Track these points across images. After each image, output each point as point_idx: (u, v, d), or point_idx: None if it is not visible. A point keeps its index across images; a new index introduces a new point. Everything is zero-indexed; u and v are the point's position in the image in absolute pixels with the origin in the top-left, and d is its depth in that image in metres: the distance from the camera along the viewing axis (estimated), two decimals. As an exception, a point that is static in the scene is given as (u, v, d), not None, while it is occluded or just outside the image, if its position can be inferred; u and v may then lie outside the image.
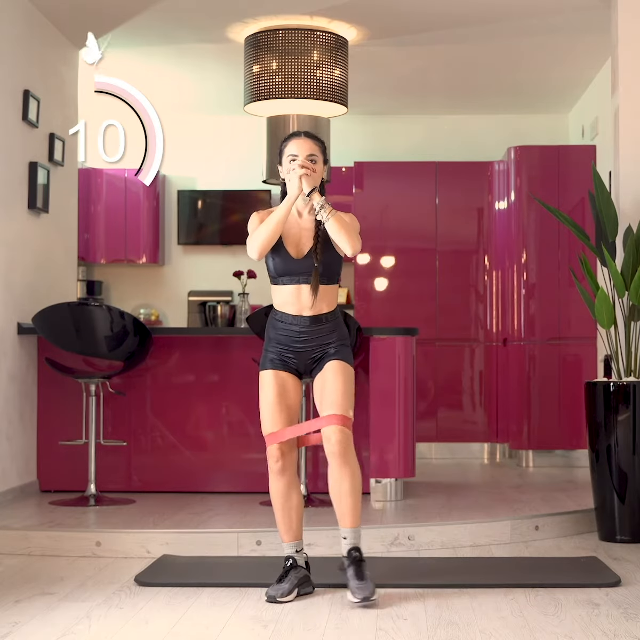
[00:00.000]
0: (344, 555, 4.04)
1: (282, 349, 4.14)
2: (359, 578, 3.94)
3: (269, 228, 4.06)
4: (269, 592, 3.99)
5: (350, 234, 4.03)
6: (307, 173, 4.06)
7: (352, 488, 4.00)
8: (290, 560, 4.07)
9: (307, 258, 4.10)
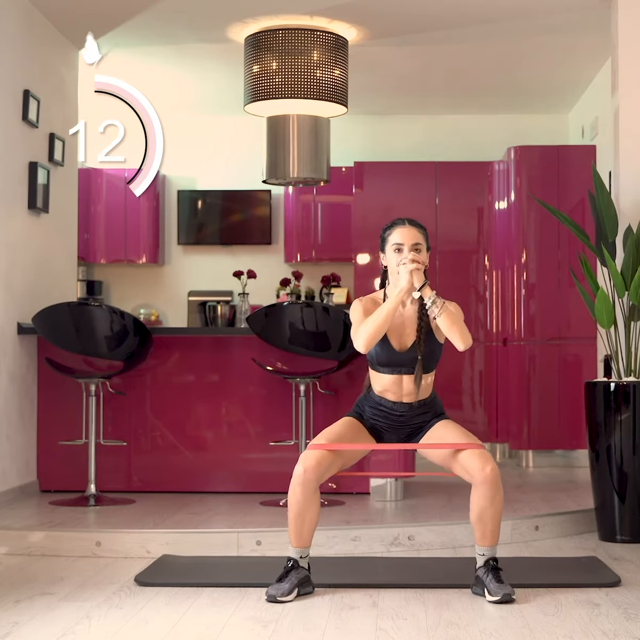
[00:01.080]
0: (480, 566, 4.05)
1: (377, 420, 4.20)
2: (498, 581, 3.97)
3: (378, 322, 4.05)
4: (269, 591, 3.99)
5: (462, 330, 4.07)
6: (418, 267, 4.08)
7: (499, 514, 4.05)
8: (291, 561, 4.06)
9: (410, 350, 4.13)
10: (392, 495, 5.82)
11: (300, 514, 4.01)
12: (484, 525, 4.04)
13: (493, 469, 3.98)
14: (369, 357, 4.18)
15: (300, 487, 3.98)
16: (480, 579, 4.03)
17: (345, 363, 5.80)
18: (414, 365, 4.12)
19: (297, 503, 4.00)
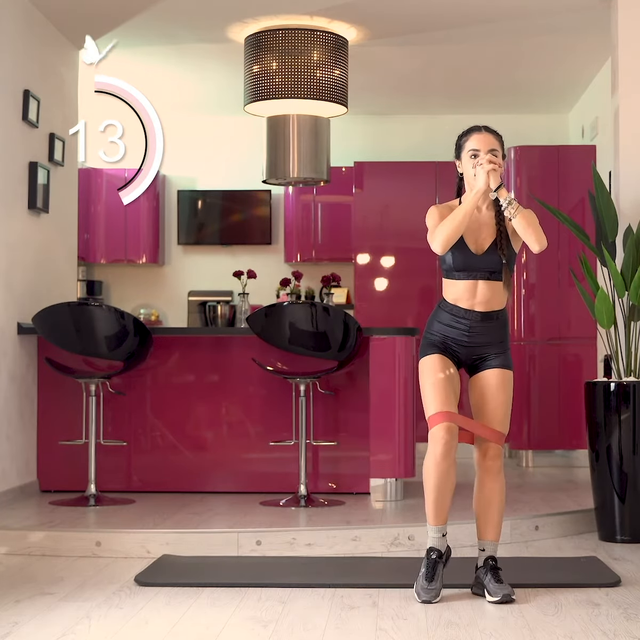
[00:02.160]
0: (480, 566, 4.06)
1: (449, 339, 4.15)
2: (498, 582, 3.98)
3: (455, 222, 4.04)
4: (421, 595, 3.97)
5: (537, 231, 4.09)
6: (495, 168, 4.05)
7: (501, 504, 4.09)
8: (434, 552, 4.05)
9: (487, 254, 4.10)
10: (392, 495, 5.82)
11: (443, 486, 4.06)
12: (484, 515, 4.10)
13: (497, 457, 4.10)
14: (445, 264, 4.14)
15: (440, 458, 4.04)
16: (480, 579, 4.03)
17: (345, 363, 5.80)
18: (490, 269, 4.08)
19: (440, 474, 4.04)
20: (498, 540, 4.13)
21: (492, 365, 4.15)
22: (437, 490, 4.06)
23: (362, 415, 5.97)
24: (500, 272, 4.10)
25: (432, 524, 4.09)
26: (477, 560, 4.10)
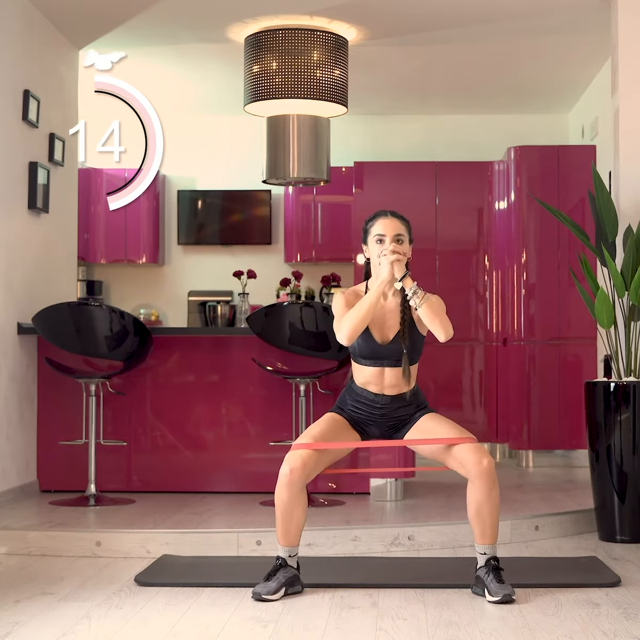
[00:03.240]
0: (481, 566, 4.06)
1: (359, 413, 4.20)
2: (499, 582, 3.98)
3: (360, 314, 4.06)
4: (255, 589, 4.01)
5: (443, 321, 4.06)
6: (399, 258, 4.07)
7: (497, 509, 4.08)
8: (280, 560, 4.08)
9: (393, 343, 4.13)
10: (392, 495, 5.82)
11: (287, 514, 4.02)
12: (482, 521, 4.06)
13: (490, 462, 4.02)
14: (351, 349, 4.19)
15: (286, 487, 4.00)
16: (481, 579, 4.03)
17: (344, 363, 5.79)
18: (396, 357, 4.13)
19: (284, 503, 4.01)
20: (496, 542, 4.11)
21: (419, 415, 4.22)
22: (282, 515, 4.05)
23: (362, 415, 5.96)
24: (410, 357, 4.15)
25: (280, 543, 4.10)
26: (477, 560, 4.10)
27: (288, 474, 3.99)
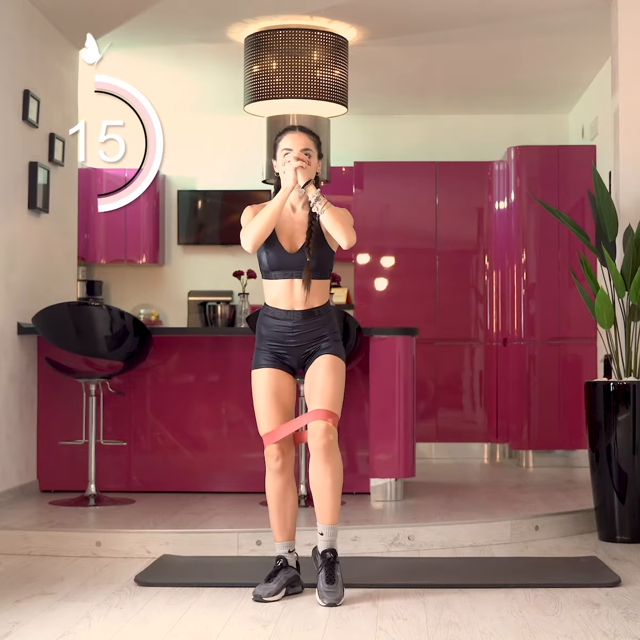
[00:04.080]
0: (318, 554, 4.04)
1: (275, 346, 4.17)
2: (329, 581, 3.95)
3: (264, 220, 4.07)
4: (256, 591, 4.01)
5: (345, 226, 4.06)
6: (303, 165, 4.07)
7: (334, 485, 4.01)
8: (280, 560, 4.08)
9: (301, 252, 4.12)
10: (392, 495, 5.82)
11: (282, 504, 4.07)
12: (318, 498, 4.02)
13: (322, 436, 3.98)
14: (262, 264, 4.18)
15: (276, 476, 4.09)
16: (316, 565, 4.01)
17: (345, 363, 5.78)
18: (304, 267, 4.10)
19: (277, 493, 4.07)
20: (336, 523, 4.05)
21: (321, 353, 4.14)
22: (277, 506, 4.09)
23: (362, 415, 5.97)
24: (316, 270, 4.12)
25: (276, 540, 4.11)
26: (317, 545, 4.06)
27: (274, 464, 4.09)
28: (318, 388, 4.09)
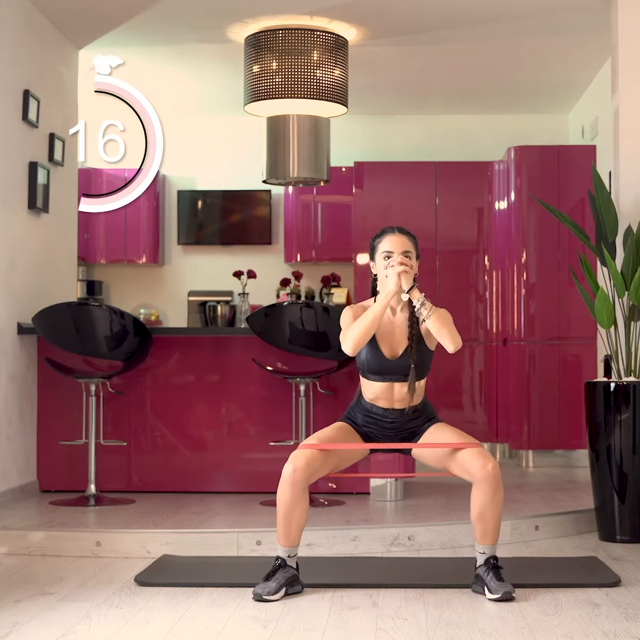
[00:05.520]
0: (480, 564, 4.07)
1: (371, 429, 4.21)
2: (499, 580, 3.99)
3: (365, 324, 4.06)
4: (256, 590, 4.01)
5: (451, 331, 4.05)
6: (406, 270, 4.07)
7: (500, 512, 4.07)
8: (279, 560, 4.08)
9: (401, 358, 4.13)
10: (392, 495, 5.82)
11: (288, 513, 4.02)
12: (485, 523, 4.05)
13: (494, 467, 4.00)
14: (360, 364, 4.20)
15: (289, 486, 3.99)
16: (481, 577, 4.04)
17: (345, 363, 5.79)
18: (405, 372, 4.13)
19: (286, 502, 4.01)
20: (496, 543, 4.12)
21: (428, 427, 4.21)
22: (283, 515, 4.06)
23: (362, 415, 5.96)
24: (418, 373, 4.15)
25: (280, 544, 4.10)
26: (477, 559, 4.10)
27: (292, 473, 3.99)
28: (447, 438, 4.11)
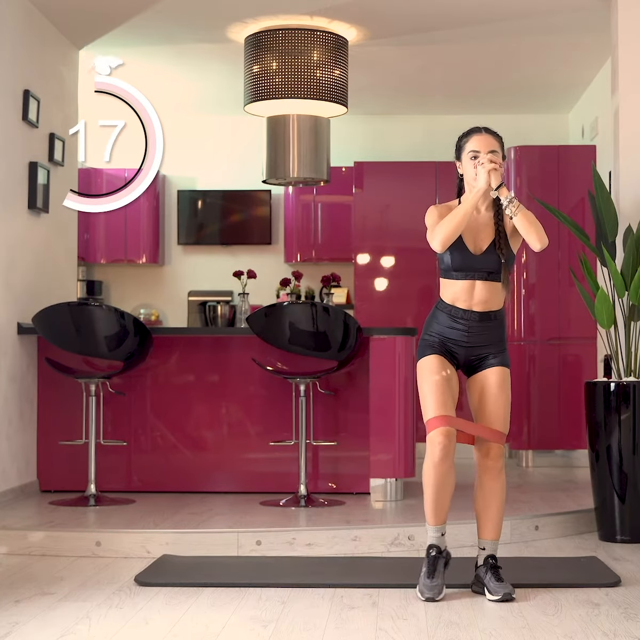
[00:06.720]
0: (480, 565, 4.09)
1: (447, 340, 4.16)
2: (498, 580, 4.00)
3: (455, 221, 4.05)
4: (424, 592, 3.98)
5: (538, 229, 4.10)
6: (496, 168, 4.07)
7: (501, 503, 4.10)
8: (433, 549, 4.07)
9: (485, 254, 4.11)
10: (392, 495, 5.82)
11: (442, 488, 4.09)
12: (484, 514, 4.11)
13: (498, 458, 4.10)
14: (443, 264, 4.15)
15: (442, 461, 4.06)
16: (480, 577, 4.04)
17: (345, 363, 5.80)
18: (488, 269, 4.09)
19: (441, 476, 4.07)
20: (498, 539, 4.14)
21: (492, 364, 4.17)
22: (436, 492, 4.09)
23: (362, 415, 5.97)
24: (498, 272, 4.12)
25: (431, 524, 4.12)
26: (477, 559, 4.11)
27: (439, 452, 4.05)
28: (492, 406, 4.13)
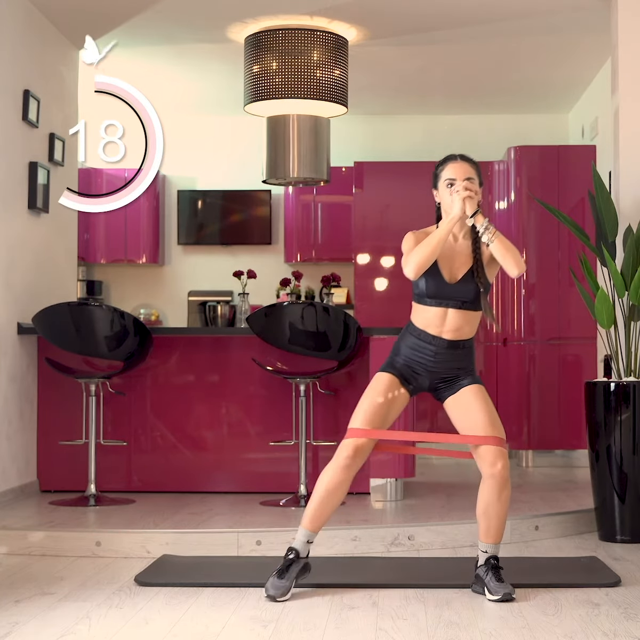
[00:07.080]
0: (481, 564, 4.08)
1: (413, 362, 4.17)
2: (499, 580, 4.00)
3: (429, 247, 4.06)
4: (269, 589, 4.00)
5: (515, 255, 4.05)
6: (471, 195, 4.08)
7: (505, 510, 4.07)
8: (292, 552, 4.07)
9: (460, 283, 4.12)
10: (392, 495, 5.82)
11: (330, 497, 4.04)
12: (488, 520, 4.06)
13: (504, 467, 4.02)
14: (418, 290, 4.17)
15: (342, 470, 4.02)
16: (481, 577, 4.04)
17: (345, 363, 5.80)
18: (462, 299, 4.10)
19: (333, 485, 4.03)
20: (499, 542, 4.12)
21: (465, 384, 4.16)
22: (324, 497, 4.07)
23: (362, 415, 5.95)
24: (472, 301, 4.13)
25: (303, 526, 4.10)
26: (478, 559, 4.10)
27: (344, 459, 4.02)
28: (478, 415, 4.09)
